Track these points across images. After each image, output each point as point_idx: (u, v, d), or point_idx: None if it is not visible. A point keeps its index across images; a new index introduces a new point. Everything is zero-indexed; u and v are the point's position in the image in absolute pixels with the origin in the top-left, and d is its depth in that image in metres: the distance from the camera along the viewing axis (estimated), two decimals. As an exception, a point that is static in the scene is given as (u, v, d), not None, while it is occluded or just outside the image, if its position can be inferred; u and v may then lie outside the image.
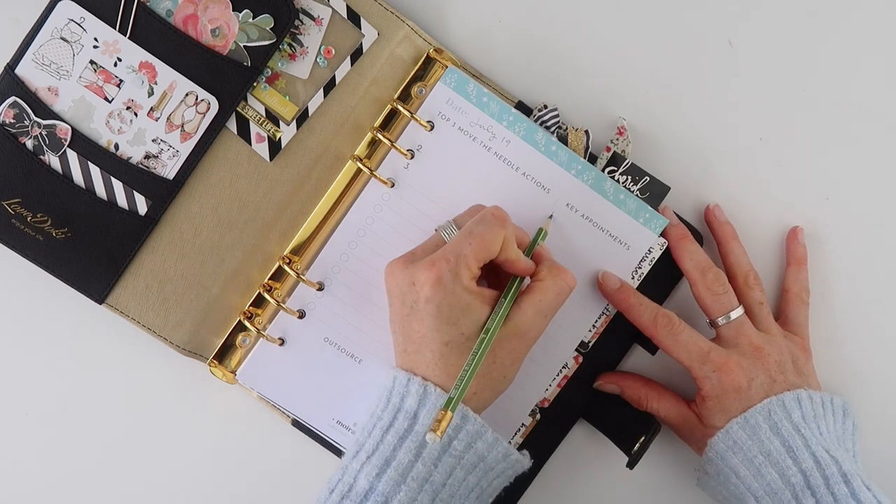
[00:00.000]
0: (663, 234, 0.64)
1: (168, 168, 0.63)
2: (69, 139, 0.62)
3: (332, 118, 0.64)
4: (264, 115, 0.64)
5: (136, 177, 0.63)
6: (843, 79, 0.68)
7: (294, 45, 0.64)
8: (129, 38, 0.62)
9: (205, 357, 0.66)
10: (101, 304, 0.64)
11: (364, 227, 0.64)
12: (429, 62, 0.65)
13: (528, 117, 0.65)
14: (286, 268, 0.64)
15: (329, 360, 0.64)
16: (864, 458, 0.63)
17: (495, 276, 0.60)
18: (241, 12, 0.62)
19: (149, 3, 0.62)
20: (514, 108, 0.64)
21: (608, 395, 0.66)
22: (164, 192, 0.63)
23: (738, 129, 0.68)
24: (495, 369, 0.58)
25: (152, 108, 0.63)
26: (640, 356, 0.67)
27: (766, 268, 0.67)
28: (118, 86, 0.62)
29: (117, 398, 0.67)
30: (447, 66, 0.64)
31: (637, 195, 0.65)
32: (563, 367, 0.65)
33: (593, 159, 0.65)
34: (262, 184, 0.64)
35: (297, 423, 0.66)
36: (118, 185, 0.63)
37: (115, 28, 0.62)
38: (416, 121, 0.64)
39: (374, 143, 0.65)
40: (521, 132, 0.63)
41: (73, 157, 0.62)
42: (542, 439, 0.65)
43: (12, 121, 0.62)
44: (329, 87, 0.64)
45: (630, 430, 0.64)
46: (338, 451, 0.66)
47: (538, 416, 0.65)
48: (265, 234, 0.65)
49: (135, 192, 0.63)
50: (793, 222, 0.68)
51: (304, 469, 0.67)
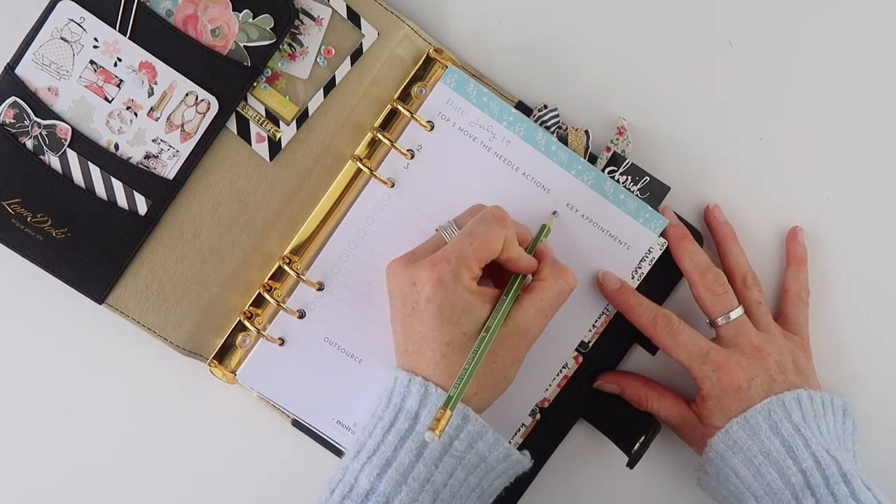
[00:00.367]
0: (663, 235, 0.64)
1: (168, 168, 0.63)
2: (69, 139, 0.62)
3: (332, 118, 0.64)
4: (264, 115, 0.64)
5: (136, 177, 0.63)
6: (842, 79, 0.68)
7: (294, 45, 0.63)
8: (129, 38, 0.62)
9: (205, 357, 0.66)
10: (101, 304, 0.64)
11: (364, 226, 0.64)
12: (429, 62, 0.65)
13: (528, 117, 0.65)
14: (286, 268, 0.64)
15: (329, 360, 0.64)
16: (864, 458, 0.63)
17: (498, 272, 0.60)
18: (241, 12, 0.62)
19: (149, 3, 0.62)
20: (514, 108, 0.64)
21: (608, 395, 0.66)
22: (164, 192, 0.63)
23: (738, 129, 0.68)
24: (495, 368, 0.58)
25: (152, 108, 0.63)
26: (640, 356, 0.67)
27: (766, 268, 0.67)
28: (118, 86, 0.62)
29: (117, 398, 0.67)
30: (447, 66, 0.64)
31: (637, 195, 0.65)
32: (563, 367, 0.65)
33: (593, 159, 0.65)
34: (262, 184, 0.64)
35: (297, 423, 0.66)
36: (118, 185, 0.63)
37: (115, 28, 0.62)
38: (416, 121, 0.64)
39: (374, 143, 0.65)
40: (521, 132, 0.63)
41: (73, 157, 0.62)
42: (542, 439, 0.65)
43: (12, 121, 0.62)
44: (329, 87, 0.64)
45: (630, 429, 0.64)
46: (338, 451, 0.66)
47: (538, 416, 0.65)
48: (265, 234, 0.65)
49: (135, 192, 0.63)
50: (793, 222, 0.68)
51: (304, 469, 0.67)
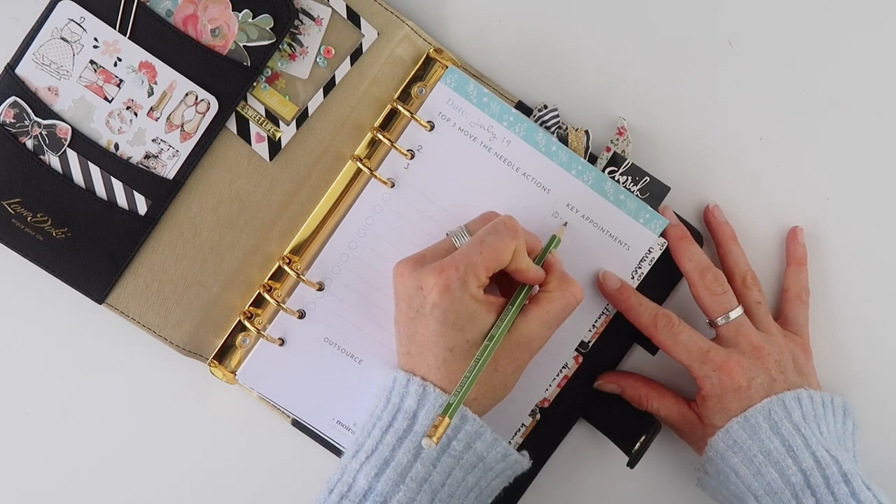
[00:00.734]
0: (663, 235, 0.64)
1: (168, 168, 0.63)
2: (69, 139, 0.62)
3: (332, 118, 0.64)
4: (264, 115, 0.64)
5: (136, 177, 0.63)
6: (842, 79, 0.68)
7: (294, 45, 0.64)
8: (129, 38, 0.62)
9: (205, 357, 0.66)
10: (101, 304, 0.64)
11: (364, 227, 0.64)
12: (429, 62, 0.65)
13: (529, 117, 0.65)
14: (286, 268, 0.64)
15: (329, 360, 0.64)
16: (864, 458, 0.63)
17: (505, 279, 0.60)
18: (240, 12, 0.62)
19: (149, 3, 0.62)
20: (514, 108, 0.64)
21: (608, 394, 0.66)
22: (163, 192, 0.63)
23: (738, 130, 0.68)
24: (496, 377, 0.58)
25: (152, 107, 0.63)
26: (640, 356, 0.67)
27: (766, 268, 0.67)
28: (118, 86, 0.62)
29: (117, 398, 0.67)
30: (447, 66, 0.64)
31: (637, 195, 0.64)
32: (563, 367, 0.65)
33: (593, 159, 0.65)
34: (262, 184, 0.64)
35: (297, 423, 0.66)
36: (118, 185, 0.63)
37: (115, 28, 0.62)
38: (417, 121, 0.64)
39: (374, 143, 0.65)
40: (521, 132, 0.63)
41: (73, 156, 0.62)
42: (542, 439, 0.65)
43: (12, 121, 0.62)
44: (329, 87, 0.64)
45: (630, 429, 0.64)
46: (338, 451, 0.66)
47: (538, 416, 0.65)
48: (265, 234, 0.65)
49: (135, 191, 0.63)
50: (793, 222, 0.68)
51: (304, 469, 0.67)
